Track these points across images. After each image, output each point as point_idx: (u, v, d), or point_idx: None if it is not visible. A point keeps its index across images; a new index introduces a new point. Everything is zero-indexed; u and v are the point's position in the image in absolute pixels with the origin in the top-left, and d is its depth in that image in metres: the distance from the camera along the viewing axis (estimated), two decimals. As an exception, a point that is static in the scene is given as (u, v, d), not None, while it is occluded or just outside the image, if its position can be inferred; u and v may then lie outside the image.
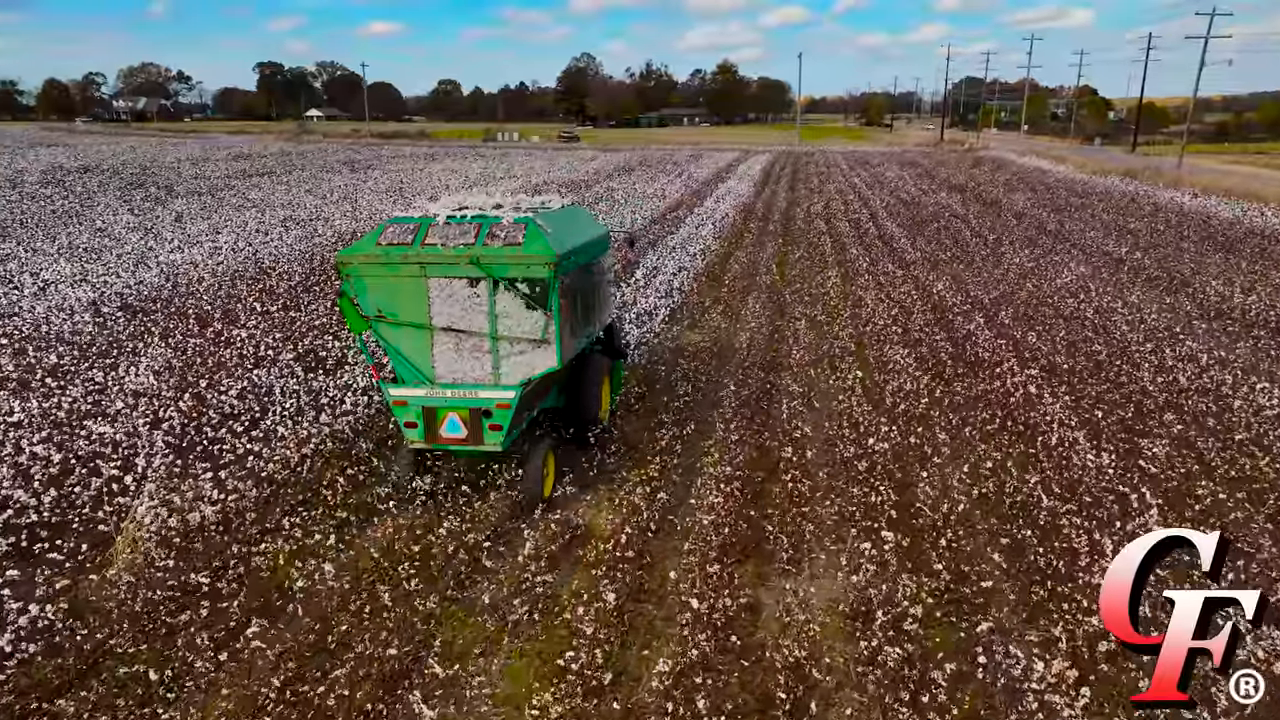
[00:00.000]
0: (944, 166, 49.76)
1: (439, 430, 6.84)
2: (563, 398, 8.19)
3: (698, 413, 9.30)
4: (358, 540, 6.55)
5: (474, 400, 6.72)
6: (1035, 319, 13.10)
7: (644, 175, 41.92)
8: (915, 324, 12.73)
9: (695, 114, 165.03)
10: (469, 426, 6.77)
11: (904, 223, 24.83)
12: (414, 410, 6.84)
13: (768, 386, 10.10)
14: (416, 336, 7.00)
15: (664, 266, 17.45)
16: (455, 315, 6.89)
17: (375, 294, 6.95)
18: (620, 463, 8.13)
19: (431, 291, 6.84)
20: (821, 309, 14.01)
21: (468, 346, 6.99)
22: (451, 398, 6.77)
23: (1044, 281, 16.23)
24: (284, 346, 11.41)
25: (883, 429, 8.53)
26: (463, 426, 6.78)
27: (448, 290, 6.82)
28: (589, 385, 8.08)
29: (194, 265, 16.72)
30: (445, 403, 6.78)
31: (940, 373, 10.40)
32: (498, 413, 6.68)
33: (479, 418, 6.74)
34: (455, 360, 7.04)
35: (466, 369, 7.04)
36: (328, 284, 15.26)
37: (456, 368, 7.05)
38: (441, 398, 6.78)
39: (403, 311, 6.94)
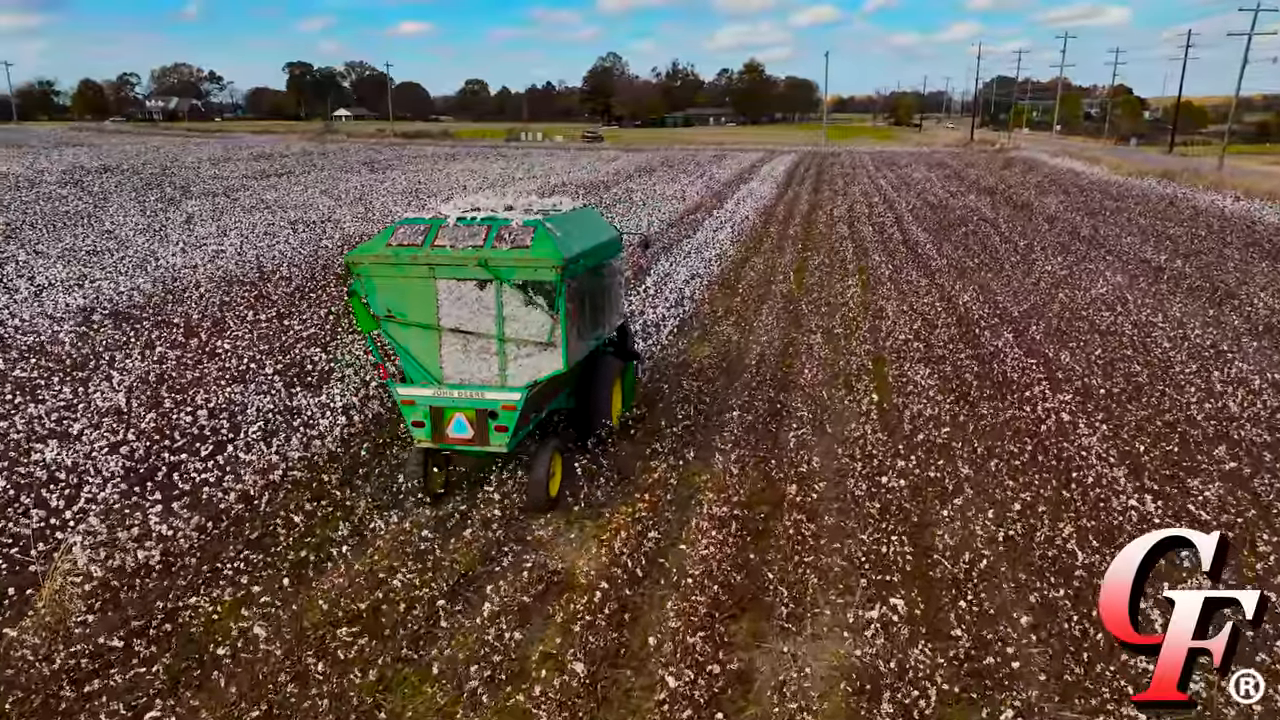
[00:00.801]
0: (973, 168, 48.54)
1: (446, 430, 6.83)
2: (573, 399, 8.10)
3: (698, 438, 8.59)
4: (307, 589, 5.92)
5: (480, 401, 6.70)
6: (1068, 334, 12.23)
7: (665, 176, 41.21)
8: (939, 339, 11.91)
9: (721, 114, 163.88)
10: (475, 427, 6.76)
11: (930, 227, 23.90)
12: (421, 410, 6.82)
13: (777, 408, 9.36)
14: (425, 337, 7.05)
15: (676, 273, 16.74)
16: (463, 316, 6.93)
17: (385, 294, 6.98)
18: (610, 495, 7.45)
19: (440, 292, 6.87)
20: (839, 321, 13.24)
21: (475, 348, 7.01)
22: (458, 398, 6.75)
23: (1077, 292, 15.32)
24: (269, 359, 10.85)
25: (899, 462, 7.76)
26: (469, 427, 6.78)
27: (456, 292, 6.85)
28: (600, 387, 8.03)
29: (193, 270, 16.28)
30: (452, 403, 6.77)
31: (964, 395, 9.60)
32: (503, 414, 6.65)
33: (485, 419, 6.72)
34: (463, 361, 7.08)
35: (474, 370, 7.09)
36: (325, 291, 14.72)
37: (464, 368, 7.09)
38: (448, 398, 6.78)
39: (412, 312, 6.98)
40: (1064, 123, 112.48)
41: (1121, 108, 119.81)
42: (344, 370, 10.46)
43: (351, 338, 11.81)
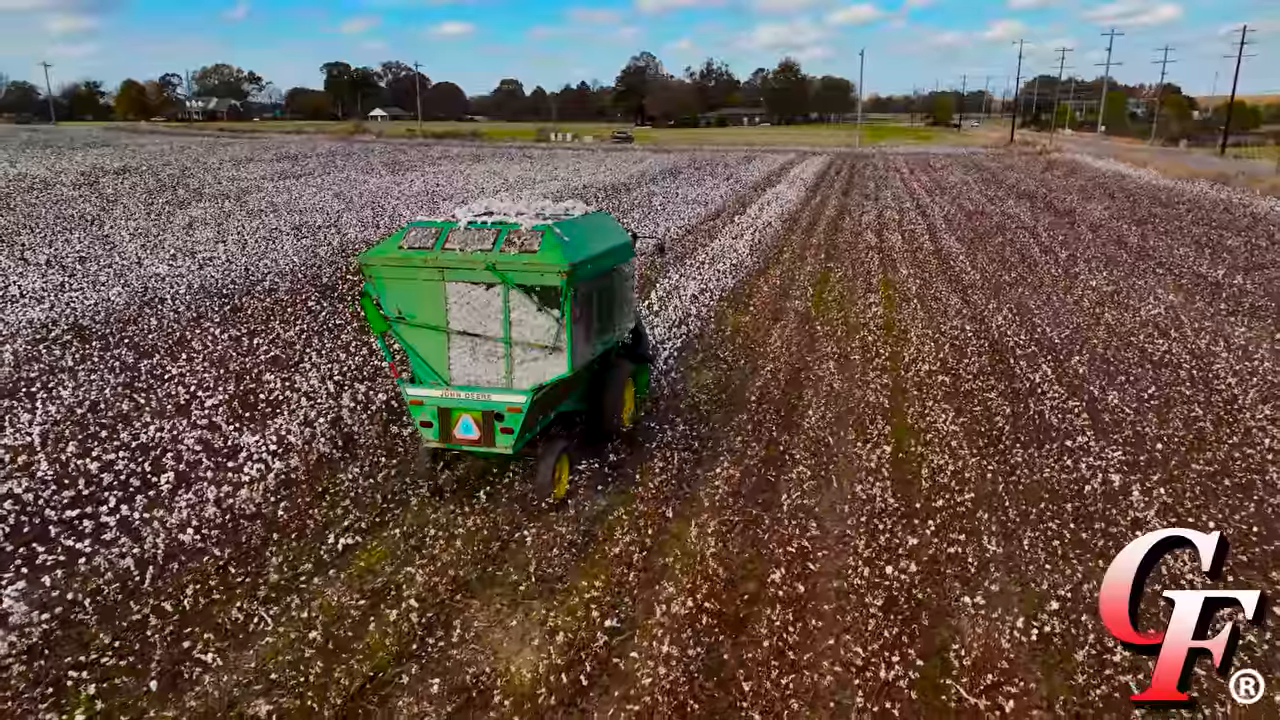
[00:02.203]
0: (1013, 171, 46.59)
1: (453, 431, 6.92)
2: (584, 402, 8.13)
3: (682, 491, 7.41)
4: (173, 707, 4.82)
5: (487, 403, 6.78)
6: (1116, 366, 10.80)
7: (690, 178, 39.98)
8: (967, 370, 10.57)
9: (756, 114, 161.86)
10: (481, 428, 6.83)
11: (964, 236, 22.40)
12: (430, 410, 6.92)
13: (775, 455, 8.13)
14: (434, 339, 7.13)
15: (684, 287, 15.51)
16: (471, 319, 6.99)
17: (395, 296, 7.08)
18: (566, 570, 6.29)
19: (449, 295, 6.94)
20: (858, 345, 11.93)
21: (483, 350, 7.08)
22: (465, 399, 6.83)
23: (1125, 312, 13.83)
24: (220, 386, 9.86)
25: (910, 540, 6.48)
26: (476, 428, 6.85)
27: (465, 295, 6.91)
28: (611, 390, 8.06)
29: (175, 280, 15.41)
30: (459, 404, 6.85)
31: (994, 444, 8.28)
32: (509, 416, 6.71)
33: (491, 420, 6.79)
34: (470, 363, 7.15)
35: (481, 372, 7.15)
36: (306, 305, 13.74)
37: (471, 370, 7.17)
38: (456, 399, 6.86)
39: (421, 314, 7.07)
40: (1108, 123, 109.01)
41: (1169, 107, 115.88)
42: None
43: (323, 358, 10.78)
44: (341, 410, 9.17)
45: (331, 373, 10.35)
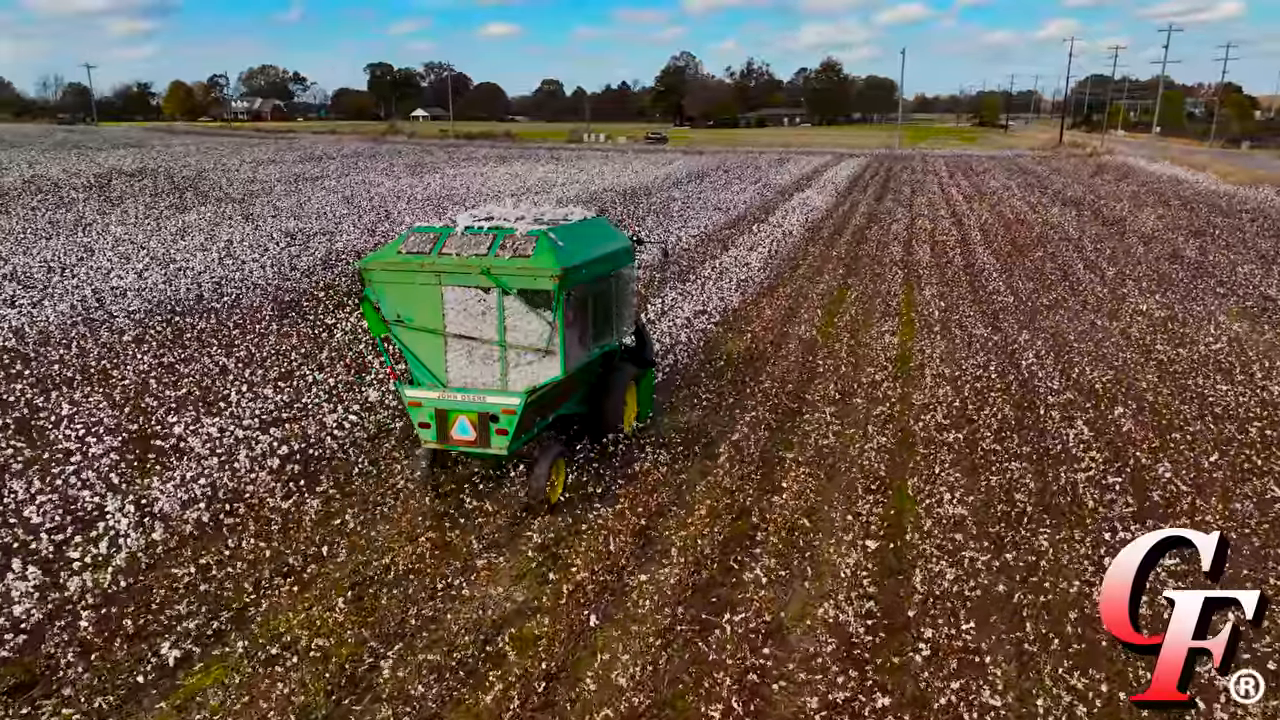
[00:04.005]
0: (1060, 174, 44.13)
1: (450, 432, 6.98)
2: (585, 405, 8.19)
3: (613, 594, 5.93)
4: None
5: (482, 405, 6.85)
6: (1169, 420, 9.03)
7: (716, 182, 38.37)
8: (987, 422, 8.90)
9: (796, 114, 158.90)
10: (477, 429, 6.89)
11: (1000, 249, 20.51)
12: (427, 411, 6.98)
13: (728, 555, 6.59)
14: (431, 342, 7.27)
15: (680, 308, 13.97)
16: (467, 323, 7.10)
17: (394, 300, 7.21)
18: (441, 708, 4.86)
19: (446, 299, 7.06)
20: (862, 385, 10.33)
21: (479, 353, 7.18)
22: (461, 401, 6.91)
23: (1180, 346, 11.99)
24: (120, 428, 8.61)
25: (880, 698, 4.90)
26: (471, 429, 6.91)
27: (461, 298, 7.03)
28: (612, 394, 8.15)
29: (131, 295, 14.29)
30: (456, 406, 6.92)
31: (1011, 531, 6.65)
32: (503, 418, 6.77)
33: (486, 422, 6.84)
34: (467, 366, 7.28)
35: (477, 374, 7.27)
36: (258, 326, 12.49)
37: (468, 373, 7.29)
38: (452, 401, 6.93)
39: (419, 317, 7.20)
40: (1164, 123, 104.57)
41: (1230, 107, 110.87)
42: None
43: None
44: (238, 464, 7.84)
45: (247, 414, 9.04)
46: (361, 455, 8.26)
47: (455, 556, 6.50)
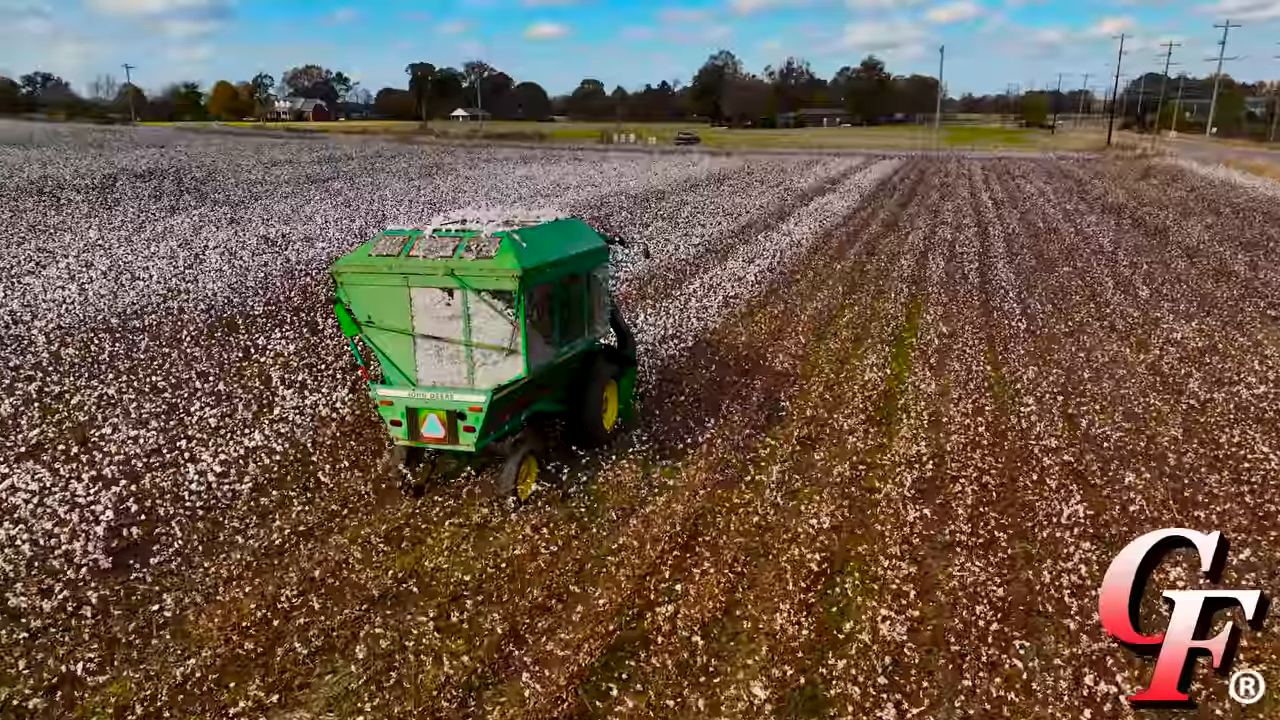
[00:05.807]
0: (1103, 178, 41.70)
1: (421, 429, 7.13)
2: (564, 403, 8.27)
3: None
4: None
5: (449, 403, 7.00)
6: (1191, 497, 7.37)
7: (736, 186, 36.81)
8: (963, 500, 7.31)
9: (836, 114, 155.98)
10: (446, 427, 7.03)
11: (1023, 264, 18.72)
12: (399, 410, 7.14)
13: (621, 667, 5.18)
14: (401, 342, 7.39)
15: (646, 332, 12.51)
16: (435, 323, 7.24)
17: (365, 301, 7.33)
18: None
19: (414, 300, 7.21)
20: (830, 436, 8.82)
21: (447, 353, 7.34)
22: (430, 400, 7.07)
23: (1218, 387, 10.27)
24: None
25: None
26: (441, 427, 7.05)
27: (428, 299, 7.17)
28: (590, 391, 8.21)
29: (60, 309, 13.28)
30: (425, 404, 7.07)
31: (966, 654, 5.13)
32: (471, 415, 6.91)
33: (455, 419, 6.98)
34: (436, 365, 7.41)
35: (445, 373, 7.41)
36: (195, 346, 11.35)
37: (436, 372, 7.43)
38: (422, 399, 7.08)
39: (389, 318, 7.33)
40: (1220, 124, 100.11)
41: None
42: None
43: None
44: (58, 533, 6.63)
45: (108, 460, 7.85)
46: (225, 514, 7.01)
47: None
